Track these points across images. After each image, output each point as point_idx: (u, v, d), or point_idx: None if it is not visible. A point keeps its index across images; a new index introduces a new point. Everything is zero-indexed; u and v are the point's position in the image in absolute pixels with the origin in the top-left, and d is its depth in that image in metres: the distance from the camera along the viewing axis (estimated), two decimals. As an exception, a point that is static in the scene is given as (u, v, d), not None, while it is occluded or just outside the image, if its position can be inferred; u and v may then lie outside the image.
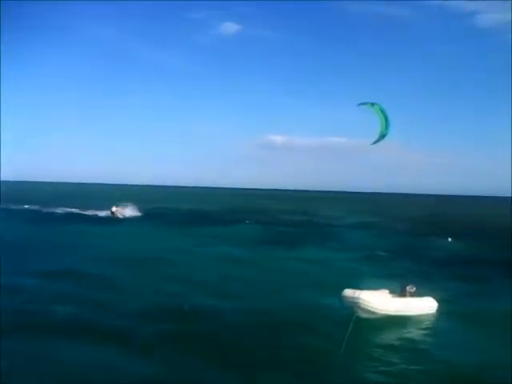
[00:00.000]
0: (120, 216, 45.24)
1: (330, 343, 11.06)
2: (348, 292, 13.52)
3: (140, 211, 47.75)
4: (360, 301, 12.92)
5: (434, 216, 63.72)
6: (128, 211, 46.91)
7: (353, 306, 12.98)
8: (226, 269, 20.17)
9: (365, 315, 12.67)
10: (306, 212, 62.60)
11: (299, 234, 36.03)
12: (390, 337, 12.21)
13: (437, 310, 13.87)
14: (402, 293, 13.48)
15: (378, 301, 12.96)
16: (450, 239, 33.63)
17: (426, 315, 13.73)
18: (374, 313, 12.89)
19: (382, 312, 12.92)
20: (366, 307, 12.94)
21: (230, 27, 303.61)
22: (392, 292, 13.45)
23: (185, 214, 50.98)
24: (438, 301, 14.08)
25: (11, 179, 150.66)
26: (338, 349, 10.31)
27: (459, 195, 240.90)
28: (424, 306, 13.76)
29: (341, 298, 13.62)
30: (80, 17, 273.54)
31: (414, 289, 13.60)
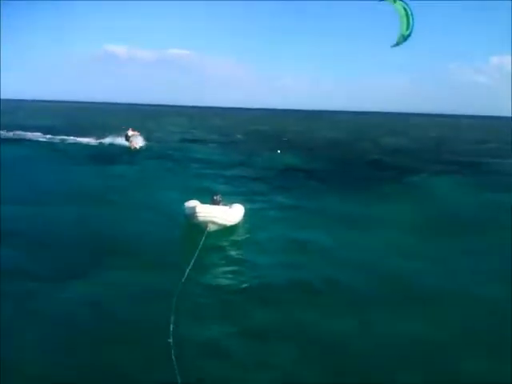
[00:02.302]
0: (137, 146, 34.18)
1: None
2: (189, 203, 14.03)
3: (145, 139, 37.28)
4: (195, 211, 13.38)
5: (276, 131, 67.80)
6: (140, 140, 35.78)
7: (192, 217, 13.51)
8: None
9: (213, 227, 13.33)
10: (149, 129, 61.34)
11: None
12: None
13: (244, 215, 14.93)
14: (212, 202, 14.17)
15: (206, 210, 13.50)
16: (278, 151, 36.54)
17: (239, 220, 14.69)
18: (204, 221, 13.42)
19: (203, 219, 13.48)
20: (200, 217, 13.44)
21: None
22: (202, 202, 14.07)
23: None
24: (246, 206, 15.28)
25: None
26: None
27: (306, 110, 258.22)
28: (235, 212, 14.63)
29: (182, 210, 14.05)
30: None
31: (220, 197, 14.42)
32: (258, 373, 7.08)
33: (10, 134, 41.53)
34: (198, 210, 13.40)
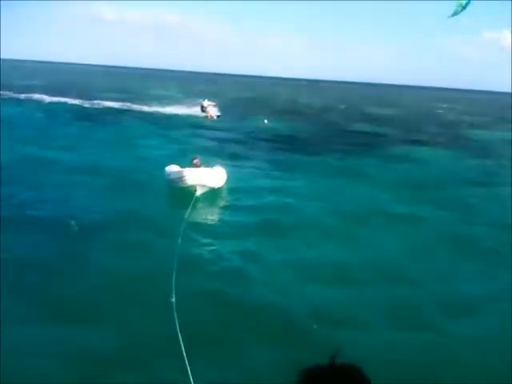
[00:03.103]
0: (214, 116, 33.96)
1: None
2: (171, 168, 14.04)
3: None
4: (178, 175, 13.43)
5: (264, 98, 67.24)
6: (216, 110, 34.87)
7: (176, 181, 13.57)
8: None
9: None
10: (135, 91, 60.38)
11: (121, 111, 35.26)
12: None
13: (227, 177, 14.84)
14: (192, 166, 13.98)
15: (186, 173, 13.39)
16: (266, 121, 36.35)
17: (224, 183, 14.63)
18: (186, 184, 13.39)
19: (191, 182, 13.38)
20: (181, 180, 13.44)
21: None
22: (182, 166, 14.02)
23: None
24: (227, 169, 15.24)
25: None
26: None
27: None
28: (220, 174, 14.54)
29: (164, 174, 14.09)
30: None
31: (199, 160, 14.24)
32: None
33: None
34: (185, 173, 13.23)
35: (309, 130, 31.83)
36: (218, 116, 34.37)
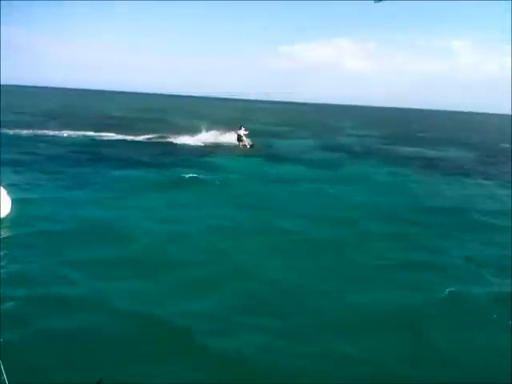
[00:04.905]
0: (248, 146, 31.89)
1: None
2: None
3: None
4: None
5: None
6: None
7: None
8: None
9: None
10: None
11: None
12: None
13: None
14: None
15: None
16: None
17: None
18: None
19: None
20: None
21: None
22: None
23: None
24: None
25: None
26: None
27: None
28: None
29: None
30: None
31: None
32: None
33: None
34: None
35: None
36: (252, 146, 32.11)
